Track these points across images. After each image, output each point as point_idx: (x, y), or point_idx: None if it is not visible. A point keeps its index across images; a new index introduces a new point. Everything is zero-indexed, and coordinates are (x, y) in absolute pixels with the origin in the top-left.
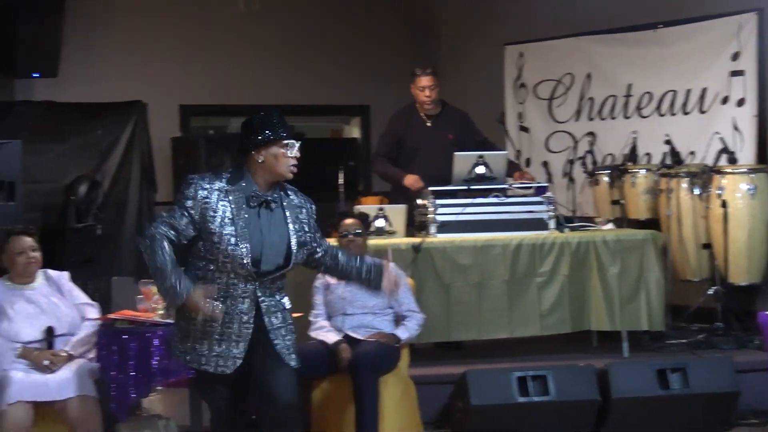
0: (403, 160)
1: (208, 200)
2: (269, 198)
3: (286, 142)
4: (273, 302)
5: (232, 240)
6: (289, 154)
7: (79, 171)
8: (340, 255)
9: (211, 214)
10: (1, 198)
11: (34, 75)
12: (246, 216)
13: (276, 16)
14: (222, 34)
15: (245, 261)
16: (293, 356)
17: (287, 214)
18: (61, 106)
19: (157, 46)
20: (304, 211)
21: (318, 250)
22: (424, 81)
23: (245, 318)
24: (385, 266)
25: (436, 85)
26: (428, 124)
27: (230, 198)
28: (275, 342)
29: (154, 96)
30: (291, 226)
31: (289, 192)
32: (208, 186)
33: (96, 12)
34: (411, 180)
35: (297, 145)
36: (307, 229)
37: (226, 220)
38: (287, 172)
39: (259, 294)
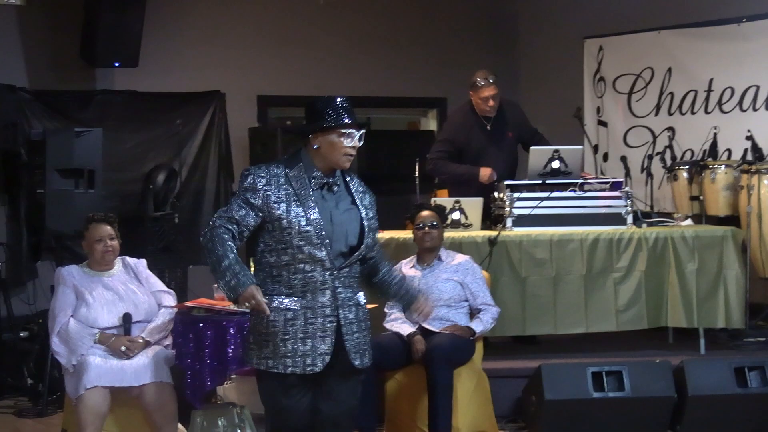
0: (465, 161)
1: (269, 187)
2: (330, 181)
3: (344, 130)
4: (348, 295)
5: (302, 220)
6: (346, 143)
7: (157, 160)
8: (383, 262)
9: (275, 200)
10: (81, 186)
11: (115, 64)
12: (312, 196)
13: (354, 7)
14: (300, 25)
15: (320, 239)
16: (361, 355)
17: (355, 196)
18: (141, 95)
19: (236, 36)
20: (367, 197)
21: (375, 246)
22: (488, 92)
23: (327, 311)
24: (420, 300)
25: (498, 92)
26: (488, 128)
27: (291, 181)
28: (345, 338)
29: (233, 86)
30: (360, 207)
31: (348, 177)
32: (265, 174)
33: (176, 2)
34: (486, 172)
35: (358, 134)
36: (371, 215)
37: (292, 202)
38: (343, 162)
39: (337, 285)
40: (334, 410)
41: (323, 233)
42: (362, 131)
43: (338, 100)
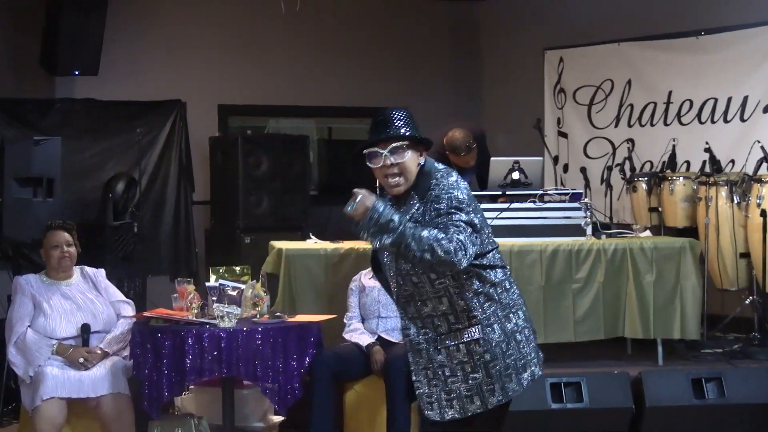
0: None
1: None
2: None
3: (367, 151)
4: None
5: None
6: (376, 166)
7: (117, 169)
8: None
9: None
10: (40, 194)
11: (75, 72)
12: None
13: (316, 17)
14: (262, 35)
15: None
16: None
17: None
18: (101, 104)
19: (197, 46)
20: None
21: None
22: (470, 159)
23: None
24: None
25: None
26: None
27: None
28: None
29: (193, 95)
30: None
31: (432, 191)
32: None
33: (137, 11)
34: None
35: (384, 152)
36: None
37: None
38: (388, 186)
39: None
40: None
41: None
42: (391, 146)
43: (378, 117)
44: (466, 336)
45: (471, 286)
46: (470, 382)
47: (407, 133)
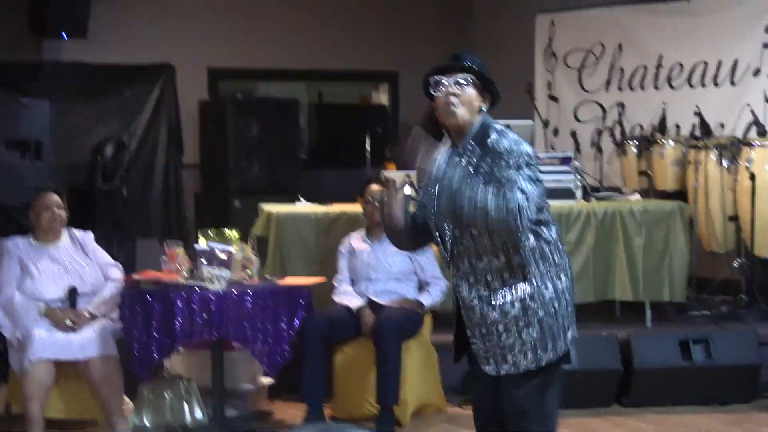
0: None
1: None
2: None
3: (431, 79)
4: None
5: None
6: (438, 95)
7: (106, 132)
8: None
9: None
10: (28, 158)
11: (64, 35)
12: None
13: None
14: None
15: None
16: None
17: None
18: (90, 67)
19: (186, 8)
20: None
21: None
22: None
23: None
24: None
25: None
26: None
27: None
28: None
29: (183, 59)
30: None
31: (491, 137)
32: None
33: None
34: None
35: (447, 80)
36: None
37: None
38: (444, 115)
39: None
40: None
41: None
42: (456, 76)
43: (455, 54)
44: (520, 292)
45: (527, 243)
46: (524, 337)
47: (474, 67)
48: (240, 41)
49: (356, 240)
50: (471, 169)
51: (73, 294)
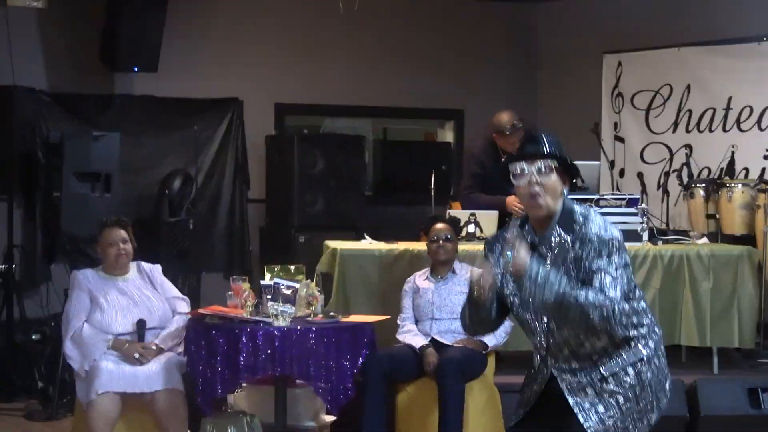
0: (494, 193)
1: None
2: (535, 240)
3: (516, 170)
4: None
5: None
6: (521, 184)
7: (174, 165)
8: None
9: None
10: (97, 190)
11: (135, 69)
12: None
13: (374, 17)
14: (320, 34)
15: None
16: None
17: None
18: (160, 100)
19: (255, 43)
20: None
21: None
22: (516, 138)
23: None
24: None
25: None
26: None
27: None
28: None
29: (251, 93)
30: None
31: (580, 230)
32: None
33: (196, 9)
34: (511, 200)
35: (528, 168)
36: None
37: None
38: (529, 207)
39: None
40: None
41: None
42: (539, 164)
43: (529, 134)
44: (633, 357)
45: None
46: (642, 403)
47: (560, 154)
48: (307, 77)
49: (420, 279)
50: (559, 260)
51: (141, 327)
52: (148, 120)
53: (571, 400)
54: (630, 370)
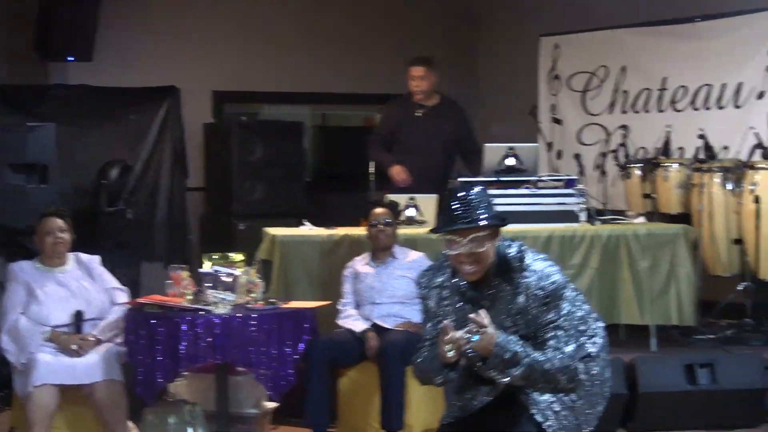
0: (397, 149)
1: None
2: (474, 294)
3: (449, 237)
4: None
5: None
6: (452, 253)
7: (111, 155)
8: None
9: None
10: (33, 181)
11: (69, 58)
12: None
13: (311, 3)
14: (256, 21)
15: None
16: None
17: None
18: (95, 90)
19: (192, 32)
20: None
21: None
22: (414, 71)
23: None
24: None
25: (428, 76)
26: (418, 115)
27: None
28: None
29: (188, 82)
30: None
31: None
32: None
33: None
34: (395, 171)
35: (461, 241)
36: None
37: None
38: (462, 272)
39: None
40: None
41: None
42: (471, 236)
43: (455, 196)
44: (582, 354)
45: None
46: (593, 398)
47: (489, 222)
48: (244, 64)
49: (360, 263)
50: (503, 312)
51: (79, 318)
52: (84, 110)
53: (524, 398)
54: (580, 367)
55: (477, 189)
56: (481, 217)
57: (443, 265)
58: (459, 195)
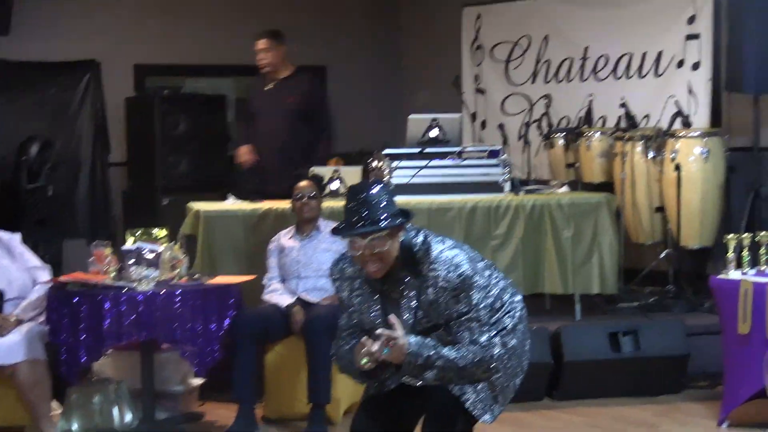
0: (253, 124)
1: None
2: (384, 287)
3: (344, 239)
4: None
5: None
6: (353, 254)
7: (31, 131)
8: None
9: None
10: None
11: None
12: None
13: None
14: None
15: None
16: None
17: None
18: (13, 64)
19: (112, 5)
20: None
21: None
22: (257, 45)
23: None
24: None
25: (270, 48)
26: (268, 88)
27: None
28: None
29: (109, 55)
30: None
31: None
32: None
33: None
34: (241, 152)
35: (360, 242)
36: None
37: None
38: (367, 271)
39: None
40: None
41: None
42: (371, 237)
43: (355, 197)
44: (499, 327)
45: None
46: (509, 371)
47: (388, 224)
48: (166, 37)
49: (285, 237)
50: (412, 304)
51: (0, 298)
52: (1, 85)
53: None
54: (497, 340)
55: (376, 188)
56: (381, 218)
57: (351, 260)
58: (358, 196)
